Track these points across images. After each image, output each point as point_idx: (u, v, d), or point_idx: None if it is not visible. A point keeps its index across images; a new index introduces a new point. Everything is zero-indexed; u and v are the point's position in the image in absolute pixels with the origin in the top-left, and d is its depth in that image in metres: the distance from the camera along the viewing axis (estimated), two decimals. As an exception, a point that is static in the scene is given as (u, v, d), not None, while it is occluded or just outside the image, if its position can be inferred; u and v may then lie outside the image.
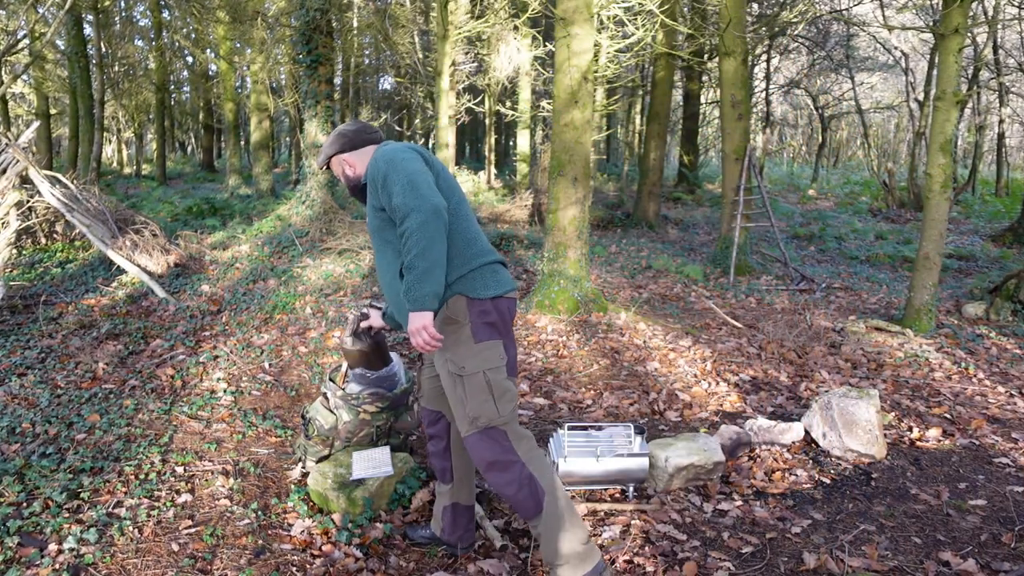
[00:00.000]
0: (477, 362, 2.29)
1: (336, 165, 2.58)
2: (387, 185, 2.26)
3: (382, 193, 2.28)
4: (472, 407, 2.29)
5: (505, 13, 10.40)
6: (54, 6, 13.18)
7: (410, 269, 2.16)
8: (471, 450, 2.35)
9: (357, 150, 2.52)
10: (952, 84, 5.62)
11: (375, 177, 2.32)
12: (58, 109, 22.18)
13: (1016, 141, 33.09)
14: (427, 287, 2.15)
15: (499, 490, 2.33)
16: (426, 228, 2.14)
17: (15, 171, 6.28)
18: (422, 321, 2.17)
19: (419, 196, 2.17)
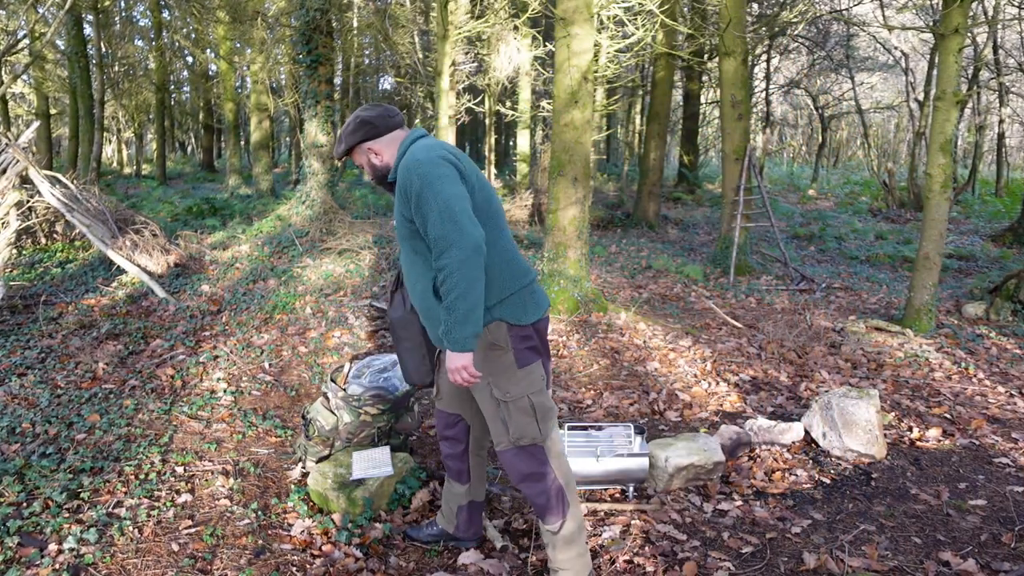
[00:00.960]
0: (522, 387, 2.27)
1: (359, 155, 2.40)
2: (421, 207, 2.14)
3: (415, 211, 2.16)
4: (515, 429, 2.28)
5: (505, 13, 10.40)
6: (54, 6, 13.18)
7: (451, 311, 2.08)
8: (507, 464, 2.34)
9: (383, 137, 2.34)
10: (952, 84, 5.62)
11: (406, 188, 2.18)
12: (58, 109, 22.18)
13: (1016, 141, 33.08)
14: (468, 329, 2.09)
15: (530, 498, 2.37)
16: (466, 267, 2.05)
17: (15, 171, 6.28)
18: (462, 361, 2.14)
19: (459, 230, 2.06)
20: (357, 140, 2.35)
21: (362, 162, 2.41)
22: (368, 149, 2.36)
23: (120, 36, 18.66)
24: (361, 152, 2.39)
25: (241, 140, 24.39)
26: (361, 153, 2.39)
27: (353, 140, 2.35)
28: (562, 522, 2.36)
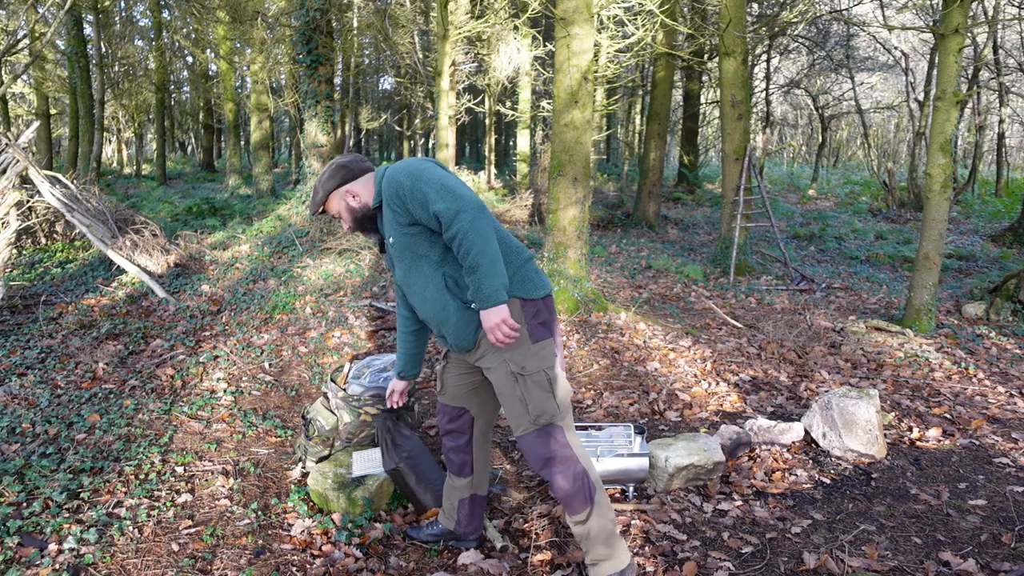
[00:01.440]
0: (537, 361, 2.32)
1: (336, 201, 2.46)
2: (417, 195, 2.22)
3: (412, 206, 2.25)
4: (534, 405, 2.30)
5: (505, 13, 10.40)
6: (54, 6, 13.18)
7: (474, 269, 2.16)
8: (528, 449, 2.35)
9: (358, 179, 2.44)
10: (952, 84, 5.62)
11: (397, 193, 2.27)
12: (58, 109, 22.18)
13: (1016, 141, 33.09)
14: (497, 280, 2.17)
15: (555, 486, 2.35)
16: (477, 224, 2.16)
17: (15, 171, 6.28)
18: (500, 315, 2.19)
19: (459, 197, 2.18)
20: (335, 185, 2.42)
21: (339, 209, 2.46)
22: (346, 192, 2.43)
23: (120, 36, 18.66)
24: (338, 198, 2.45)
25: (241, 140, 24.39)
26: (338, 199, 2.45)
27: (331, 185, 2.42)
28: (590, 508, 2.35)
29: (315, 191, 2.46)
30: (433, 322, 2.40)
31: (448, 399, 2.61)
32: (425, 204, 2.21)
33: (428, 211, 2.21)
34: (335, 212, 2.48)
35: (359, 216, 2.45)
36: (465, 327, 2.32)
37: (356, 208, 2.44)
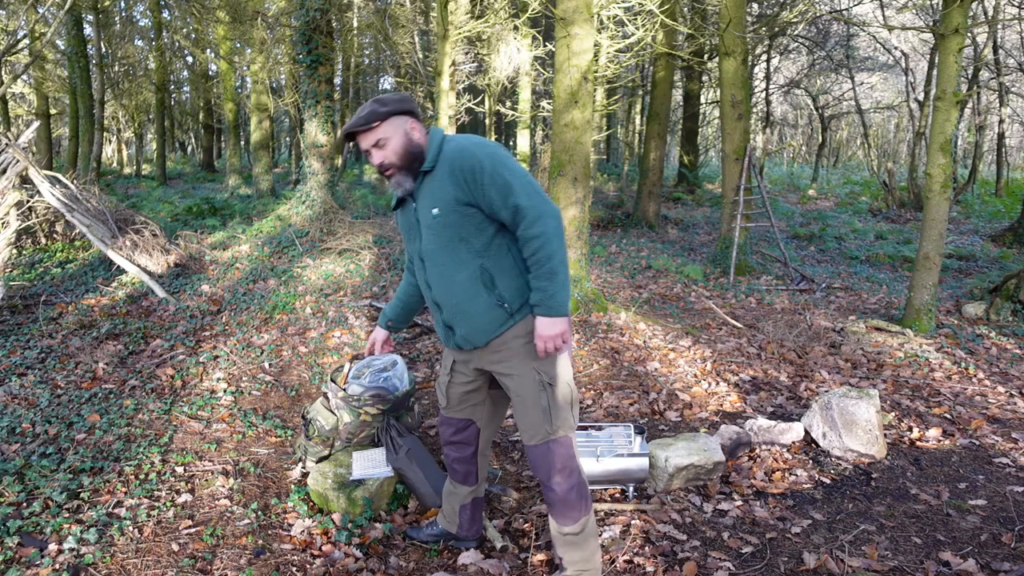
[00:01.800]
0: (564, 373, 2.29)
1: (394, 127, 2.19)
2: (497, 180, 2.11)
3: (485, 187, 2.13)
4: (556, 417, 2.27)
5: (505, 13, 10.39)
6: (54, 6, 13.18)
7: (553, 275, 2.13)
8: (540, 458, 2.31)
9: (418, 118, 2.26)
10: (952, 84, 5.62)
11: (472, 169, 2.13)
12: (58, 109, 22.18)
13: (1016, 141, 33.08)
14: (567, 291, 2.16)
15: (560, 495, 2.32)
16: (560, 231, 2.14)
17: (15, 171, 6.28)
18: (562, 327, 2.18)
19: (546, 200, 2.14)
20: (405, 109, 2.21)
21: (392, 137, 2.19)
22: (411, 124, 2.22)
23: (120, 36, 18.66)
24: (399, 124, 2.21)
25: (241, 140, 24.39)
26: (399, 125, 2.20)
27: (401, 107, 2.20)
28: (587, 518, 2.35)
29: (371, 107, 2.18)
30: (449, 308, 2.28)
31: (453, 412, 2.55)
32: (505, 192, 2.11)
33: (505, 201, 2.12)
34: (382, 138, 2.19)
35: (411, 155, 2.21)
36: (487, 324, 2.24)
37: (412, 145, 2.21)
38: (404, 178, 2.23)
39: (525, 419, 2.30)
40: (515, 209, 2.13)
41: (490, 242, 2.21)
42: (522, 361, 2.27)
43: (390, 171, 2.22)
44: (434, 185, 2.20)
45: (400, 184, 2.24)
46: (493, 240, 2.22)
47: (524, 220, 2.13)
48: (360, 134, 2.21)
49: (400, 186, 2.24)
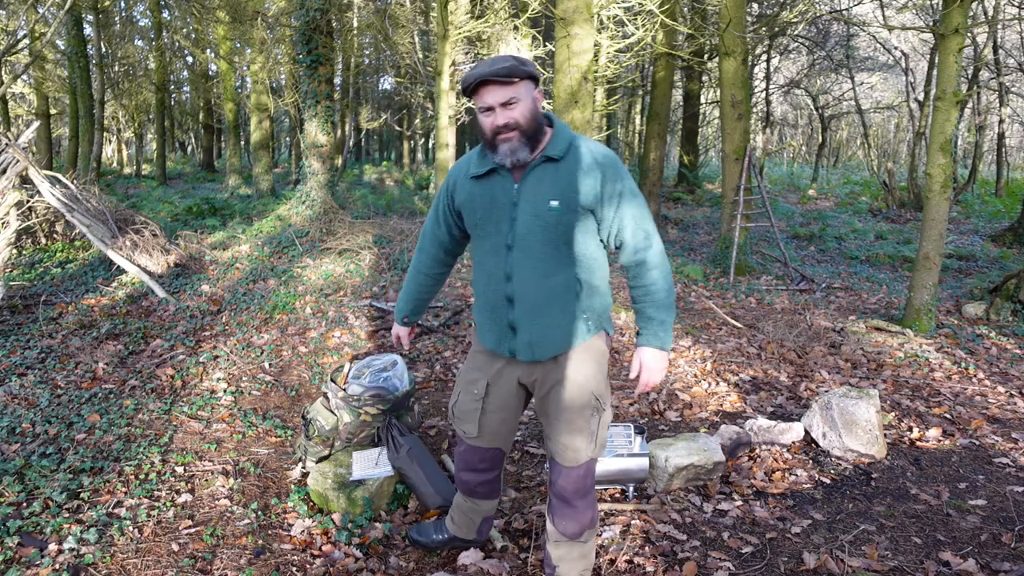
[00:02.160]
0: (609, 397, 2.24)
1: (526, 90, 2.00)
2: (624, 201, 2.05)
3: (608, 200, 2.05)
4: (599, 440, 2.22)
5: (505, 13, 10.39)
6: (54, 6, 13.18)
7: (668, 308, 2.11)
8: (574, 479, 2.23)
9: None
10: (952, 84, 5.62)
11: (615, 176, 2.05)
12: (58, 109, 22.18)
13: (1016, 141, 33.08)
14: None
15: (580, 510, 2.28)
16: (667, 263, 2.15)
17: (15, 171, 6.28)
18: (665, 364, 2.16)
19: (657, 231, 2.14)
20: (537, 77, 2.02)
21: (520, 96, 1.98)
22: (538, 94, 2.05)
23: (120, 36, 18.67)
24: (530, 89, 2.01)
25: (241, 140, 24.40)
26: (529, 90, 2.01)
27: (536, 74, 2.01)
28: (592, 528, 2.33)
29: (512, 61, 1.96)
30: (527, 308, 2.09)
31: (483, 442, 2.35)
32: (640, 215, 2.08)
33: (638, 223, 2.07)
34: (515, 97, 1.97)
35: (536, 124, 2.02)
36: (563, 337, 2.12)
37: (538, 115, 2.04)
38: (521, 147, 2.00)
39: (569, 440, 2.18)
40: (646, 234, 2.09)
41: (591, 254, 2.12)
42: (583, 382, 2.15)
43: (511, 134, 1.99)
44: (560, 176, 2.03)
45: (514, 152, 2.00)
46: (594, 253, 2.13)
47: (652, 248, 2.09)
48: (491, 85, 1.96)
49: (513, 154, 2.00)
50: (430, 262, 2.40)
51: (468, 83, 1.98)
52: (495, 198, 2.09)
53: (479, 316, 2.27)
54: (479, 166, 2.11)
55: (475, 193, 2.14)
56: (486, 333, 2.23)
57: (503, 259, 2.10)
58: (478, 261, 2.20)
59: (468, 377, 2.32)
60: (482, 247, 2.17)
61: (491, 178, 2.10)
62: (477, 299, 2.27)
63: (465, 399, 2.31)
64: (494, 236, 2.11)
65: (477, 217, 2.14)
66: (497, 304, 2.14)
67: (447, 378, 4.76)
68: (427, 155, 34.31)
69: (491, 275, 2.13)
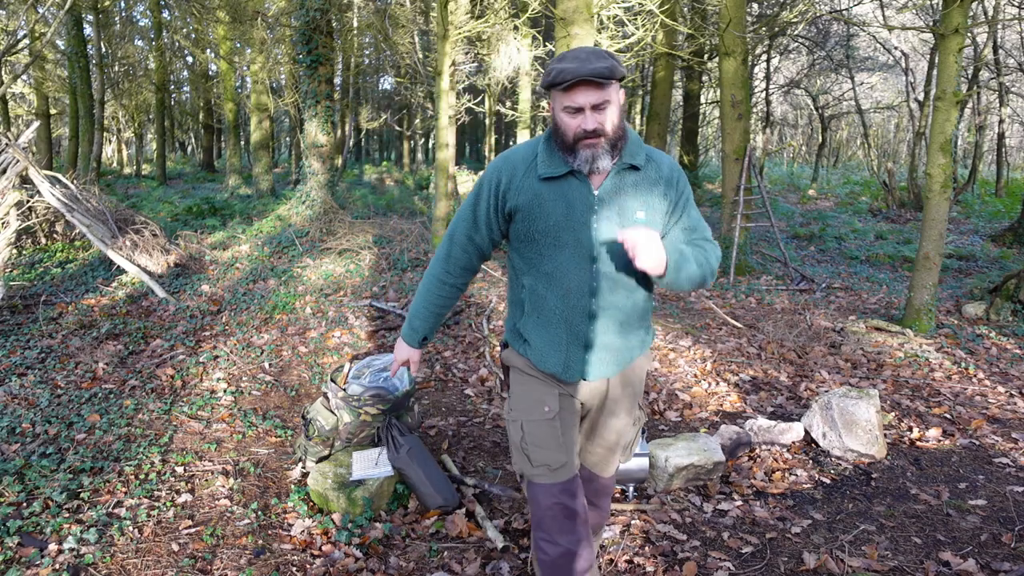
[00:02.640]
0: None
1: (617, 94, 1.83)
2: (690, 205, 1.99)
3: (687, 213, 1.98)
4: (630, 451, 2.29)
5: (505, 13, 10.39)
6: (54, 6, 13.18)
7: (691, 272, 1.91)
8: (607, 488, 2.32)
9: None
10: (952, 84, 5.61)
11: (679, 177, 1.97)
12: (58, 109, 22.18)
13: (1016, 141, 33.09)
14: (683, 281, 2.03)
15: (603, 510, 2.37)
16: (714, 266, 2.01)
17: (15, 171, 6.28)
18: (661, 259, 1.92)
19: None
20: (624, 76, 1.81)
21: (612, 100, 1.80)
22: (621, 97, 1.86)
23: (120, 36, 18.67)
24: (616, 93, 1.82)
25: (241, 140, 24.40)
26: (619, 95, 1.84)
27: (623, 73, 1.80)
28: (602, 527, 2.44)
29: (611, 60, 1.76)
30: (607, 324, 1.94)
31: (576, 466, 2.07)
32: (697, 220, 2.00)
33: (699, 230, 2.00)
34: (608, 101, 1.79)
35: (622, 131, 1.86)
36: (631, 354, 2.04)
37: (622, 126, 1.87)
38: (603, 154, 1.83)
39: (610, 454, 2.19)
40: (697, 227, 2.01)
41: None
42: (633, 396, 2.13)
43: (596, 140, 1.80)
44: (642, 186, 1.89)
45: (595, 159, 1.82)
46: None
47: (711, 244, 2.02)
48: (586, 86, 1.77)
49: (594, 161, 1.82)
50: (459, 272, 2.10)
51: (564, 80, 1.75)
52: (572, 204, 1.88)
53: (536, 336, 1.99)
54: (550, 167, 1.87)
55: (545, 196, 1.89)
56: (549, 354, 1.98)
57: (587, 272, 1.89)
58: (545, 273, 1.92)
59: (531, 399, 2.02)
60: (554, 258, 1.91)
61: (565, 181, 1.89)
62: (535, 316, 1.98)
63: (536, 428, 2.00)
64: (572, 246, 1.88)
65: (549, 223, 1.89)
66: (574, 320, 1.93)
67: (447, 378, 4.76)
68: (427, 155, 34.32)
69: (570, 290, 1.91)
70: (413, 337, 2.20)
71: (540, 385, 2.01)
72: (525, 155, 1.95)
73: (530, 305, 1.98)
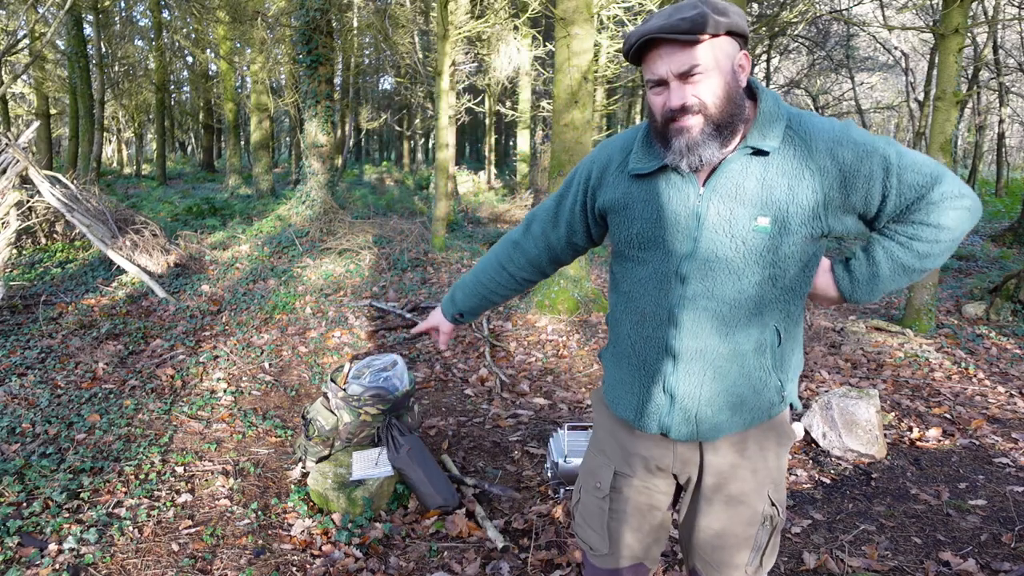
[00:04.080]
0: (785, 499, 1.58)
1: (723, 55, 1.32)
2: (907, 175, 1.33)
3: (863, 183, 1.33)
4: (769, 557, 1.55)
5: (505, 13, 10.39)
6: (54, 6, 13.18)
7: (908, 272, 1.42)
8: None
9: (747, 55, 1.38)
10: (952, 84, 5.61)
11: (847, 146, 1.33)
12: (58, 109, 22.19)
13: (1016, 141, 33.09)
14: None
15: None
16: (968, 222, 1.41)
17: (15, 171, 6.28)
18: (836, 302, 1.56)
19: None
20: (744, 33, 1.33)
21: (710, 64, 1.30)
22: (743, 61, 1.35)
23: (120, 36, 18.67)
24: (730, 54, 1.33)
25: (241, 140, 24.40)
26: (728, 55, 1.33)
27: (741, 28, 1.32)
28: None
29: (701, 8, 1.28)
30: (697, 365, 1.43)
31: (620, 559, 1.60)
32: (914, 185, 1.35)
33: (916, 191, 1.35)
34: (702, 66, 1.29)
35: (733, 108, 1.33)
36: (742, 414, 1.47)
37: (737, 95, 1.34)
38: (706, 142, 1.33)
39: (725, 556, 1.53)
40: (919, 176, 1.34)
41: (801, 294, 1.48)
42: (760, 479, 1.50)
43: (690, 121, 1.32)
44: (771, 178, 1.34)
45: (692, 149, 1.33)
46: (803, 292, 1.49)
47: (930, 182, 1.35)
48: (665, 46, 1.30)
49: (691, 152, 1.33)
50: (525, 263, 1.72)
51: (630, 45, 1.34)
52: (666, 206, 1.41)
53: (613, 370, 1.58)
54: (644, 160, 1.44)
55: (634, 196, 1.46)
56: (622, 396, 1.54)
57: (669, 294, 1.42)
58: (625, 292, 1.51)
59: (590, 465, 1.65)
60: (635, 273, 1.48)
61: (661, 177, 1.43)
62: (612, 345, 1.58)
63: (587, 499, 1.62)
64: (659, 260, 1.43)
65: (634, 230, 1.46)
66: (649, 357, 1.47)
67: (447, 378, 4.76)
68: (427, 155, 34.33)
69: (646, 315, 1.46)
70: (449, 308, 1.84)
71: (608, 445, 1.61)
72: (625, 143, 1.51)
73: (610, 330, 1.60)
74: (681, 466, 1.52)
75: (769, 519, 1.50)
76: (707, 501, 1.51)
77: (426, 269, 7.70)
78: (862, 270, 1.43)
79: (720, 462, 1.49)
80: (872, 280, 1.43)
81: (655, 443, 1.52)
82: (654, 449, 1.52)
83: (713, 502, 1.50)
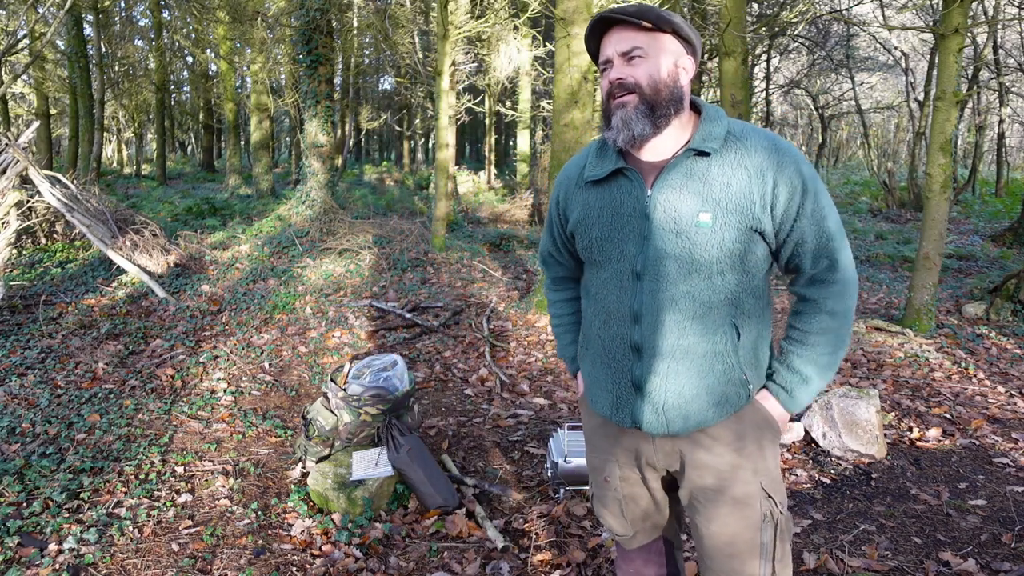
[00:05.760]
0: (784, 493, 1.56)
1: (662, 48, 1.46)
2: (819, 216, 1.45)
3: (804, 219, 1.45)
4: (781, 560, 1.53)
5: (505, 13, 10.39)
6: (54, 6, 13.18)
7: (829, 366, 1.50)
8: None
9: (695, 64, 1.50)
10: (952, 84, 5.61)
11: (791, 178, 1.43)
12: (58, 109, 22.19)
13: (1016, 141, 33.10)
14: None
15: None
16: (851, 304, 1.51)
17: (15, 171, 6.28)
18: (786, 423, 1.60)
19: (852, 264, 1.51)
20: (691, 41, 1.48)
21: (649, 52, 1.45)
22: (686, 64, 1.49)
23: (120, 36, 18.67)
24: (670, 50, 1.47)
25: (241, 140, 24.40)
26: (668, 51, 1.47)
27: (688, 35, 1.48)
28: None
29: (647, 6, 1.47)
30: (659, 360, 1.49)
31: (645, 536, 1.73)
32: (825, 235, 1.46)
33: (821, 246, 1.46)
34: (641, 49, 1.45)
35: (665, 93, 1.46)
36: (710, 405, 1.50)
37: (674, 86, 1.47)
38: (639, 118, 1.45)
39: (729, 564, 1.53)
40: (831, 264, 1.47)
41: (755, 286, 1.51)
42: (759, 475, 1.52)
43: (627, 98, 1.46)
44: (712, 178, 1.44)
45: (627, 125, 1.45)
46: (759, 284, 1.52)
47: (836, 284, 1.48)
48: (617, 30, 1.47)
49: (626, 127, 1.45)
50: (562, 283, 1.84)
51: (589, 29, 1.50)
52: (619, 210, 1.51)
53: (588, 371, 1.66)
54: (597, 167, 1.55)
55: (591, 204, 1.56)
56: (599, 394, 1.61)
57: (628, 292, 1.51)
58: (593, 295, 1.60)
59: (593, 465, 1.75)
60: (598, 276, 1.58)
61: (613, 182, 1.53)
62: (584, 346, 1.67)
63: (600, 492, 1.73)
64: (616, 261, 1.52)
65: (593, 236, 1.55)
66: (616, 354, 1.55)
67: (447, 378, 4.76)
68: (427, 155, 34.32)
69: (610, 314, 1.54)
70: (573, 366, 1.84)
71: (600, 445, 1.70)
72: (581, 159, 1.63)
73: (583, 333, 1.68)
74: (664, 460, 1.58)
75: (766, 515, 1.51)
76: (713, 504, 1.52)
77: (426, 269, 7.70)
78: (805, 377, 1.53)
79: (719, 462, 1.52)
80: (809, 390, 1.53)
81: (636, 438, 1.59)
82: (638, 444, 1.59)
83: (720, 505, 1.52)
